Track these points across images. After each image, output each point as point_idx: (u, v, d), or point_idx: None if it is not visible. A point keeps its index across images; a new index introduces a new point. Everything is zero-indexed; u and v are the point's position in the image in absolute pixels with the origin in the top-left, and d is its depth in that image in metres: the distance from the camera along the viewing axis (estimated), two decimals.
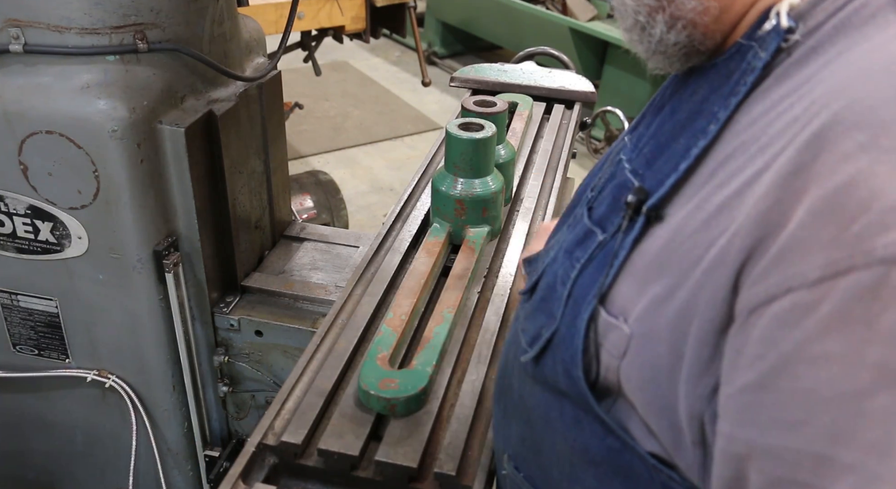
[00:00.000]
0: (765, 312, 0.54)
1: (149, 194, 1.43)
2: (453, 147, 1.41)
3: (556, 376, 0.78)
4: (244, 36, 1.69)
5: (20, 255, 1.51)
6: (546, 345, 0.79)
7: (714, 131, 0.65)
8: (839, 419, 0.49)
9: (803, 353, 0.51)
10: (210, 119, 1.50)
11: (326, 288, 1.71)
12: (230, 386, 1.73)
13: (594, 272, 0.74)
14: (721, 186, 0.62)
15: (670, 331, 0.63)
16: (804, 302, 0.51)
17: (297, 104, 4.33)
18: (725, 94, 0.66)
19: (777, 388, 0.53)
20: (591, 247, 0.76)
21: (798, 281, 0.51)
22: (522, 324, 0.87)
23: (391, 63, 6.90)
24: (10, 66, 1.36)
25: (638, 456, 0.72)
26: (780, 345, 0.52)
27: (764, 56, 0.63)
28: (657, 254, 0.66)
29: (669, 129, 0.73)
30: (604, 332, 0.71)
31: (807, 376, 0.51)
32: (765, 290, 0.54)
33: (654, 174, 0.71)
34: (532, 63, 2.29)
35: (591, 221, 0.78)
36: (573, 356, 0.74)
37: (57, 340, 1.62)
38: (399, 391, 1.05)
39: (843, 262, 0.49)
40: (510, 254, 1.47)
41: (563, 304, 0.76)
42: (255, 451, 1.02)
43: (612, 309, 0.71)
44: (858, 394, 0.48)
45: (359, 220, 4.27)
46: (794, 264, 0.52)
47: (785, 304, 0.52)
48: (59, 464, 1.86)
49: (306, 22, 3.40)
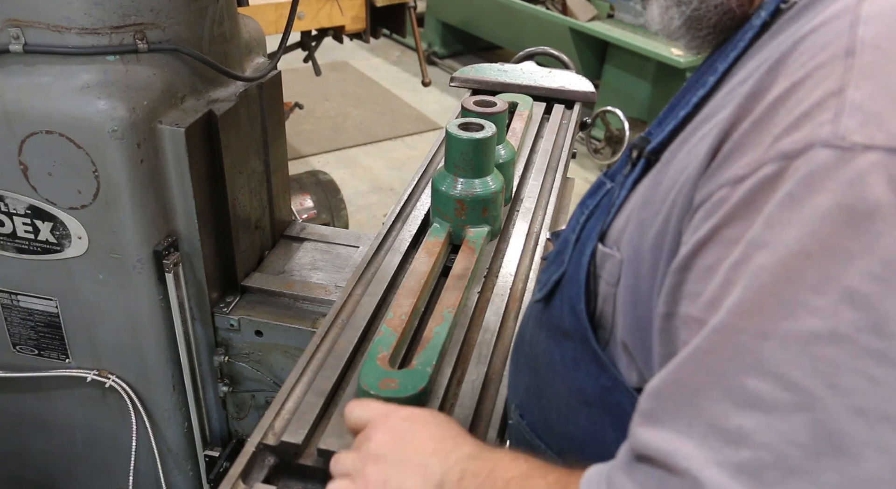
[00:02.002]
0: (700, 209, 0.60)
1: (149, 194, 1.43)
2: (453, 147, 1.41)
3: (563, 315, 0.83)
4: (244, 36, 1.69)
5: (20, 255, 1.51)
6: (555, 287, 0.85)
7: (712, 82, 0.70)
8: (744, 296, 0.54)
9: (711, 237, 0.58)
10: (210, 119, 1.50)
11: (326, 288, 1.71)
12: (230, 386, 1.73)
13: (599, 215, 0.81)
14: (704, 121, 0.67)
15: (650, 250, 0.69)
16: (723, 196, 0.57)
17: (297, 104, 4.33)
18: (728, 51, 0.71)
19: (690, 267, 0.60)
20: (600, 196, 0.85)
21: (727, 178, 0.58)
22: (539, 277, 0.95)
23: (391, 63, 6.90)
24: (10, 66, 1.36)
25: (626, 393, 0.76)
26: (698, 233, 0.59)
27: (763, 15, 0.68)
28: (646, 186, 0.73)
29: (680, 93, 0.79)
30: (601, 263, 0.78)
31: (707, 255, 0.58)
32: (707, 190, 0.60)
33: (659, 128, 0.76)
34: (532, 63, 2.29)
35: (604, 176, 0.87)
36: (577, 291, 0.80)
37: (57, 340, 1.62)
38: (399, 391, 1.05)
39: (761, 158, 0.55)
40: (510, 254, 1.47)
41: (572, 247, 0.84)
42: (255, 451, 1.02)
43: (608, 242, 0.78)
44: (734, 265, 0.55)
45: (359, 220, 4.27)
46: (730, 167, 0.58)
47: (713, 200, 0.58)
48: (59, 464, 1.86)
49: (306, 22, 3.40)
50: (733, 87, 0.66)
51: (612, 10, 5.24)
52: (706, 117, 0.68)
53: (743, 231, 0.55)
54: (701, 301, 0.57)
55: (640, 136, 0.78)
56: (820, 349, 0.49)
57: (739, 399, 0.52)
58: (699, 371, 0.55)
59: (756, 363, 0.51)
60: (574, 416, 0.84)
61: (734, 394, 0.52)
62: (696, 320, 0.57)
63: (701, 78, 0.74)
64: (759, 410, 0.51)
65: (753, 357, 0.52)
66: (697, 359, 0.55)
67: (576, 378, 0.83)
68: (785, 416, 0.50)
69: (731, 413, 0.52)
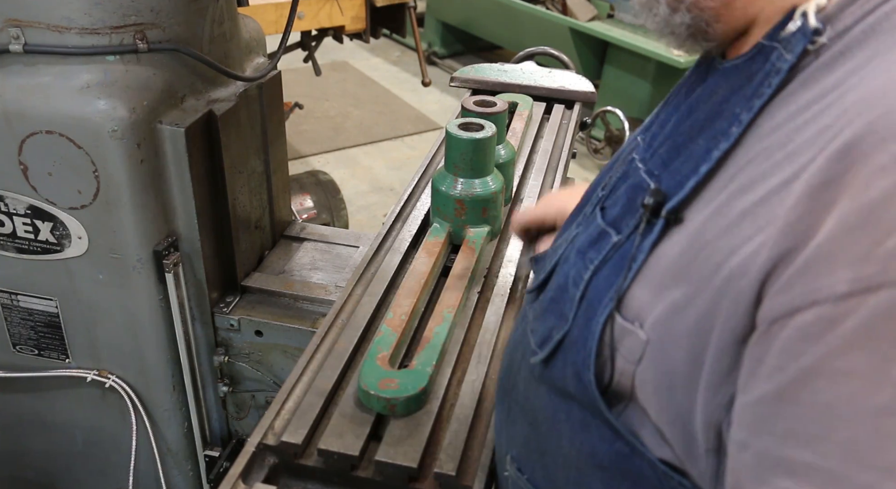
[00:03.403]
0: (787, 324, 0.53)
1: (149, 194, 1.43)
2: (453, 147, 1.41)
3: (566, 379, 0.77)
4: (244, 36, 1.69)
5: (20, 255, 1.52)
6: (557, 347, 0.78)
7: (736, 134, 0.63)
8: (857, 437, 0.49)
9: (824, 368, 0.50)
10: (210, 119, 1.50)
11: (326, 288, 1.71)
12: (230, 386, 1.73)
13: (609, 274, 0.72)
14: (743, 192, 0.60)
15: (689, 338, 0.62)
16: (829, 316, 0.50)
17: (297, 104, 4.33)
18: (748, 96, 0.64)
19: (796, 401, 0.52)
20: (606, 249, 0.74)
21: (824, 294, 0.50)
22: (532, 324, 0.86)
23: (391, 63, 6.90)
24: (10, 66, 1.36)
25: (647, 462, 0.71)
26: (802, 359, 0.51)
27: (790, 58, 0.61)
28: (675, 260, 0.65)
29: (687, 130, 0.72)
30: (619, 337, 0.70)
31: (827, 391, 0.50)
32: (789, 301, 0.53)
33: (671, 176, 0.69)
34: (532, 63, 2.28)
35: (604, 222, 0.77)
36: (585, 359, 0.73)
37: (57, 340, 1.62)
38: (399, 391, 1.05)
39: (874, 279, 0.48)
40: (510, 254, 1.47)
41: (576, 306, 0.75)
42: (255, 451, 1.02)
43: (627, 313, 0.69)
44: (878, 412, 0.48)
45: (359, 220, 4.27)
46: (821, 277, 0.51)
47: (808, 317, 0.51)
48: (59, 464, 1.86)
49: (306, 22, 3.40)
50: (769, 149, 0.59)
51: (612, 10, 5.25)
52: (743, 186, 0.60)
53: (880, 364, 0.48)
54: (827, 447, 0.50)
55: (654, 189, 0.69)
56: None
57: None
58: None
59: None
60: (586, 480, 0.78)
61: None
62: (827, 472, 0.50)
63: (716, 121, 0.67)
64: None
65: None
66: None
67: (585, 440, 0.77)
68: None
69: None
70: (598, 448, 0.75)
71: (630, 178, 0.77)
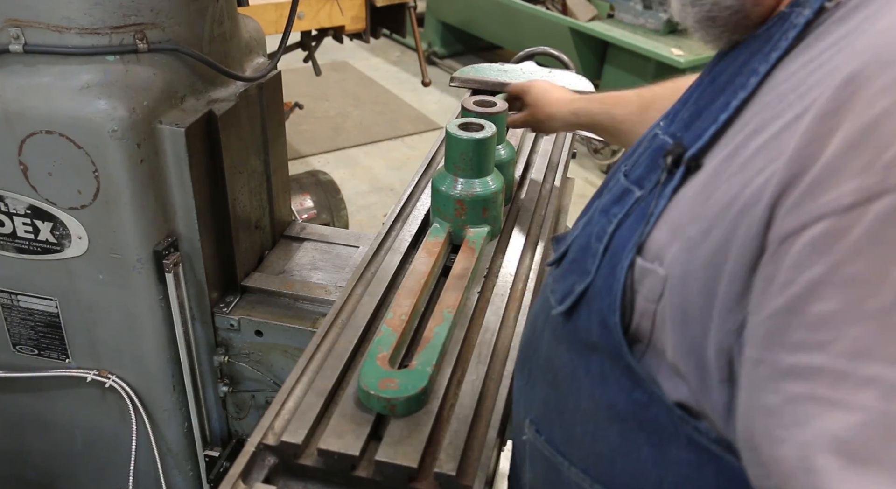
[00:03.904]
0: (797, 240, 0.55)
1: (149, 194, 1.43)
2: (453, 147, 1.41)
3: (591, 328, 0.80)
4: (244, 36, 1.69)
5: (20, 255, 1.52)
6: (579, 299, 0.82)
7: (754, 84, 0.67)
8: (862, 336, 0.51)
9: (833, 277, 0.52)
10: (210, 119, 1.50)
11: (326, 288, 1.71)
12: (230, 386, 1.73)
13: (632, 224, 0.77)
14: (757, 133, 0.63)
15: (704, 270, 0.65)
16: (835, 227, 0.52)
17: (297, 104, 4.33)
18: (766, 52, 0.68)
19: (805, 311, 0.54)
20: (629, 204, 0.79)
21: (831, 207, 0.52)
22: (552, 286, 0.91)
23: (391, 63, 6.90)
24: (10, 66, 1.36)
25: (665, 407, 0.73)
26: (811, 270, 0.53)
27: (807, 13, 0.65)
28: (693, 199, 0.69)
29: (709, 94, 0.76)
30: (640, 278, 0.74)
31: (834, 298, 0.52)
32: (797, 219, 0.55)
33: (692, 133, 0.73)
34: (532, 63, 2.28)
35: (627, 181, 0.82)
36: (611, 304, 0.76)
37: (57, 340, 1.62)
38: (399, 391, 1.05)
39: (876, 187, 0.50)
40: (510, 254, 1.47)
41: (599, 258, 0.80)
42: (255, 451, 1.02)
43: (647, 255, 0.73)
44: (882, 312, 0.50)
45: (359, 220, 4.27)
46: (828, 192, 0.53)
47: (816, 231, 0.53)
48: (59, 464, 1.86)
49: (306, 22, 3.40)
50: (783, 93, 0.62)
51: (612, 10, 5.25)
52: (758, 127, 0.63)
53: (880, 268, 0.50)
54: (837, 349, 0.52)
55: (674, 142, 0.74)
56: None
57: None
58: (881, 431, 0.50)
59: None
60: (603, 433, 0.82)
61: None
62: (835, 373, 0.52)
63: (737, 78, 0.70)
64: None
65: None
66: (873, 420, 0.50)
67: (604, 393, 0.80)
68: None
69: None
70: (615, 399, 0.79)
71: (652, 146, 0.82)
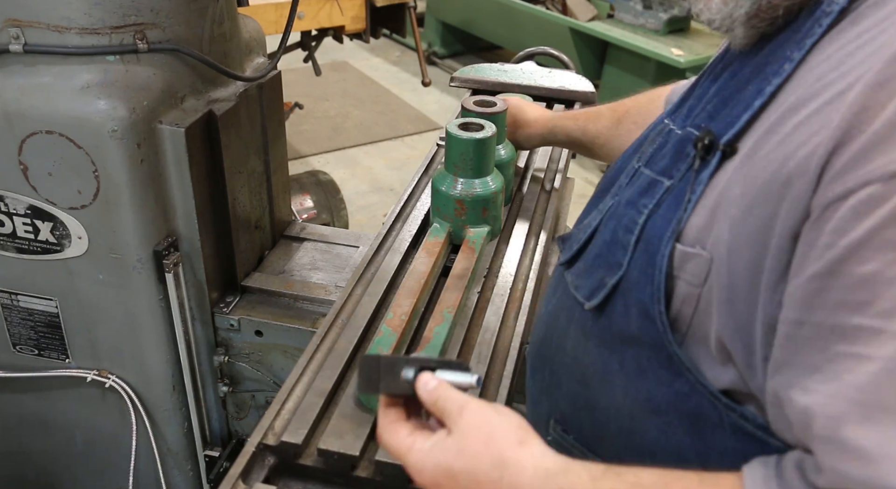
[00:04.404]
0: (840, 206, 0.56)
1: (149, 194, 1.43)
2: (453, 147, 1.41)
3: (628, 321, 0.80)
4: (244, 36, 1.69)
5: (20, 255, 1.51)
6: (611, 293, 0.81)
7: (789, 70, 0.67)
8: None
9: (872, 240, 0.54)
10: (210, 119, 1.50)
11: (326, 288, 1.71)
12: (230, 386, 1.73)
13: (666, 213, 0.76)
14: (795, 111, 0.63)
15: (750, 247, 0.65)
16: (878, 193, 0.53)
17: (297, 104, 4.32)
18: (799, 39, 0.67)
19: (845, 273, 0.55)
20: (658, 194, 0.79)
21: (877, 174, 0.54)
22: (575, 282, 0.89)
23: (391, 63, 6.90)
24: (10, 66, 1.36)
25: (708, 396, 0.73)
26: (851, 234, 0.55)
27: (841, 1, 0.64)
28: (732, 181, 0.69)
29: (734, 85, 0.75)
30: (680, 264, 0.74)
31: (873, 260, 0.54)
32: (843, 185, 0.56)
33: (721, 121, 0.73)
34: (532, 63, 2.28)
35: (654, 172, 0.81)
36: (653, 293, 0.76)
37: (57, 340, 1.62)
38: None
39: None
40: (510, 254, 1.47)
41: (631, 250, 0.79)
42: (255, 451, 1.02)
43: (687, 241, 0.73)
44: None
45: (359, 220, 4.27)
46: (875, 159, 0.54)
47: (861, 197, 0.54)
48: (59, 464, 1.86)
49: (306, 22, 3.40)
50: (822, 73, 0.62)
51: (612, 10, 5.24)
52: (795, 105, 0.64)
53: None
54: (874, 309, 0.54)
55: (705, 129, 0.74)
56: None
57: None
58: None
59: None
60: (640, 427, 0.81)
61: None
62: (870, 330, 0.54)
63: (767, 67, 0.70)
64: None
65: None
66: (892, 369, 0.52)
67: (641, 386, 0.80)
68: None
69: None
70: (654, 392, 0.78)
71: (671, 140, 0.81)
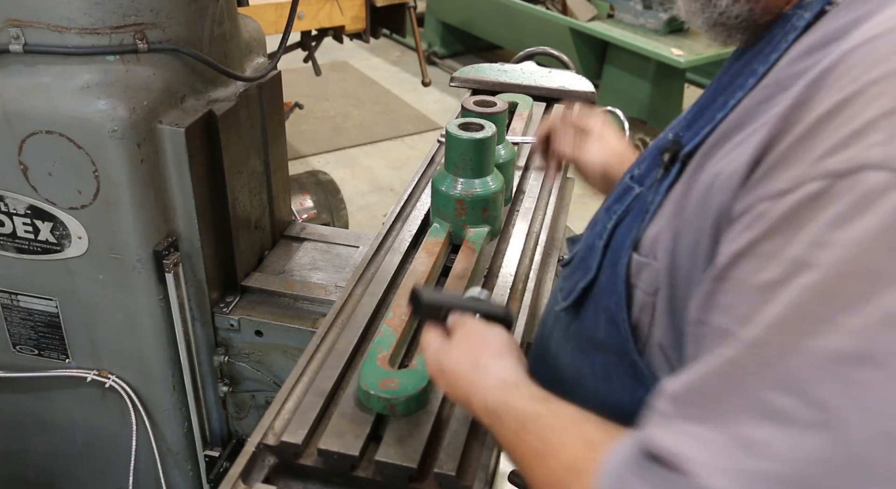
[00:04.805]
0: (739, 221, 0.60)
1: (149, 194, 1.43)
2: (453, 147, 1.41)
3: (598, 326, 0.82)
4: (244, 36, 1.69)
5: (20, 255, 1.51)
6: (581, 296, 0.84)
7: (751, 84, 0.69)
8: (745, 304, 0.56)
9: (749, 250, 0.57)
10: (210, 119, 1.50)
11: (326, 288, 1.71)
12: (230, 386, 1.73)
13: (630, 221, 0.79)
14: (740, 127, 0.65)
15: (686, 257, 0.68)
16: (764, 209, 0.57)
17: (297, 104, 4.32)
18: (767, 53, 0.69)
19: (726, 279, 0.59)
20: (628, 201, 0.82)
21: (769, 192, 0.57)
22: (560, 284, 0.93)
23: (391, 63, 6.90)
24: (10, 66, 1.36)
25: None
26: (736, 243, 0.59)
27: (808, 16, 0.66)
28: (679, 192, 0.71)
29: (711, 94, 0.78)
30: (636, 272, 0.76)
31: (743, 268, 0.57)
32: (745, 203, 0.59)
33: (693, 129, 0.75)
34: (532, 63, 2.28)
35: (630, 180, 0.84)
36: (617, 301, 0.78)
37: (57, 340, 1.62)
38: (399, 391, 1.05)
39: (804, 176, 0.54)
40: (510, 254, 1.47)
41: (601, 255, 0.82)
42: (255, 451, 1.02)
43: (643, 250, 0.76)
44: (773, 282, 0.54)
45: (359, 220, 4.27)
46: (771, 182, 0.57)
47: (753, 212, 0.58)
48: (59, 464, 1.86)
49: (306, 22, 3.39)
50: (771, 93, 0.64)
51: (612, 10, 5.24)
52: (740, 122, 0.66)
53: (782, 247, 0.54)
54: (734, 314, 0.57)
55: (672, 140, 0.77)
56: (852, 370, 0.48)
57: (762, 412, 0.51)
58: (725, 381, 0.54)
59: (784, 378, 0.51)
60: None
61: (758, 406, 0.52)
62: (727, 332, 0.57)
63: (737, 79, 0.72)
64: (781, 425, 0.50)
65: (782, 372, 0.51)
66: (725, 369, 0.55)
67: (609, 392, 0.82)
68: (808, 434, 0.49)
69: (752, 424, 0.51)
70: (620, 398, 0.80)
71: (656, 145, 0.84)
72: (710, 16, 0.75)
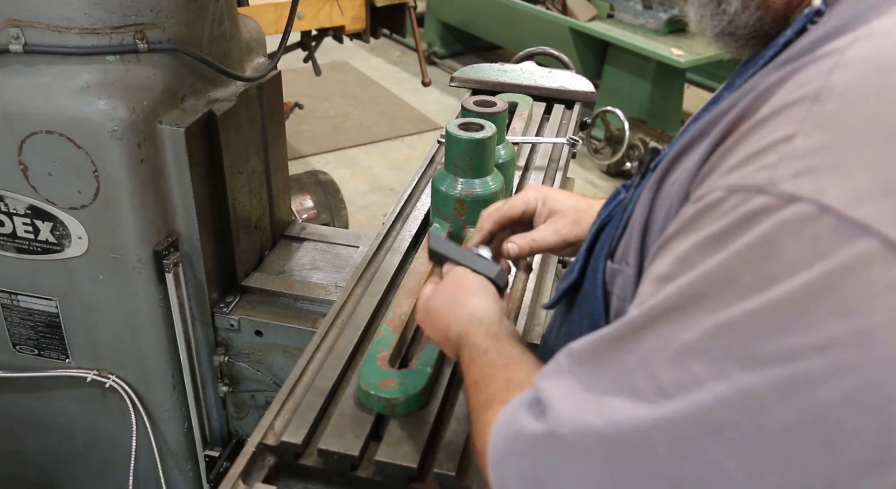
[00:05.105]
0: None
1: (149, 194, 1.43)
2: (453, 147, 1.40)
3: (582, 329, 0.83)
4: (244, 36, 1.69)
5: (20, 255, 1.51)
6: (567, 298, 0.87)
7: (726, 96, 0.69)
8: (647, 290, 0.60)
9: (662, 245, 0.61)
10: (210, 119, 1.50)
11: (326, 288, 1.71)
12: (230, 386, 1.73)
13: (610, 228, 0.82)
14: (703, 136, 0.67)
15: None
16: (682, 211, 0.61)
17: (297, 104, 4.32)
18: (748, 68, 0.71)
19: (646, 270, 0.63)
20: (612, 206, 0.85)
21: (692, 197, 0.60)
22: (559, 284, 0.96)
23: (391, 63, 6.90)
24: (10, 66, 1.36)
25: None
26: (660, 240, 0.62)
27: (789, 33, 0.66)
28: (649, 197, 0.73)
29: (705, 106, 0.80)
30: (611, 278, 0.79)
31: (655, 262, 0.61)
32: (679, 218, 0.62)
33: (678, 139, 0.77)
34: (532, 63, 2.28)
35: (622, 186, 0.87)
36: (598, 308, 0.81)
37: (57, 340, 1.62)
38: (399, 391, 1.05)
39: (712, 186, 0.57)
40: None
41: (584, 257, 0.84)
42: (255, 451, 1.02)
43: (616, 257, 0.78)
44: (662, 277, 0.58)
45: (359, 220, 4.27)
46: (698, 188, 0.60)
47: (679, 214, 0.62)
48: (59, 464, 1.86)
49: (306, 22, 3.39)
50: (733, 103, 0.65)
51: (612, 10, 5.24)
52: (703, 131, 0.67)
53: (677, 246, 0.58)
54: (637, 299, 0.62)
55: (652, 148, 0.79)
56: (691, 363, 0.53)
57: (623, 383, 0.58)
58: (608, 350, 0.60)
59: (644, 359, 0.57)
60: None
61: (621, 378, 0.58)
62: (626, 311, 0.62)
63: (724, 91, 0.74)
64: (629, 397, 0.56)
65: (644, 353, 0.57)
66: (611, 340, 0.60)
67: None
68: (643, 407, 0.55)
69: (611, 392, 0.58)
70: None
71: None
72: (719, 24, 0.74)
